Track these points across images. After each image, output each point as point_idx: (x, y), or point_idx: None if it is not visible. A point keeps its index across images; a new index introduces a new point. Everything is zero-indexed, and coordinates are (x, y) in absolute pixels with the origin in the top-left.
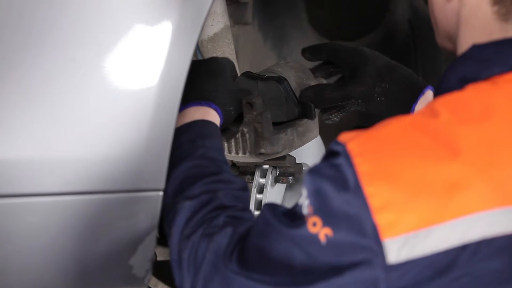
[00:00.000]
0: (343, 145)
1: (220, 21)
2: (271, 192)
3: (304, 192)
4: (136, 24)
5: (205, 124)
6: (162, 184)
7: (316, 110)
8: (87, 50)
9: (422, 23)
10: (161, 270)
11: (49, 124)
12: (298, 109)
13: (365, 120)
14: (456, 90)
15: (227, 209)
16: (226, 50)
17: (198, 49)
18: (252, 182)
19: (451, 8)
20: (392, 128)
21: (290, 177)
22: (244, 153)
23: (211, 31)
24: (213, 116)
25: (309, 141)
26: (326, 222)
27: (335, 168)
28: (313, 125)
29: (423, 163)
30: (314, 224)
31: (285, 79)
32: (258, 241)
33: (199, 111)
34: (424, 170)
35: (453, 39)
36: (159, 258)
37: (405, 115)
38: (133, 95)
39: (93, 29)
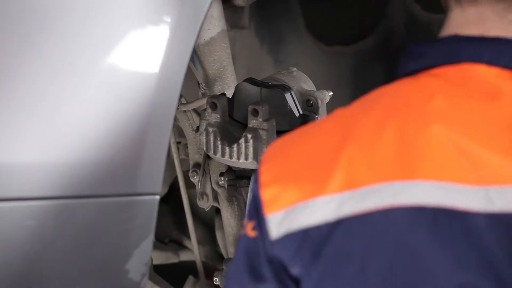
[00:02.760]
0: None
1: (217, 25)
2: None
3: None
4: (133, 28)
5: None
6: (158, 188)
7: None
8: (84, 54)
9: (418, 28)
10: (157, 274)
11: (45, 128)
12: (301, 119)
13: None
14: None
15: None
16: (222, 54)
17: (194, 53)
18: (248, 187)
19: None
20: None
21: None
22: (246, 159)
23: (207, 35)
24: None
25: None
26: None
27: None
28: None
29: (311, 144)
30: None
31: (290, 88)
32: None
33: None
34: (310, 151)
35: None
36: (155, 262)
37: None
38: (129, 99)
39: (90, 33)
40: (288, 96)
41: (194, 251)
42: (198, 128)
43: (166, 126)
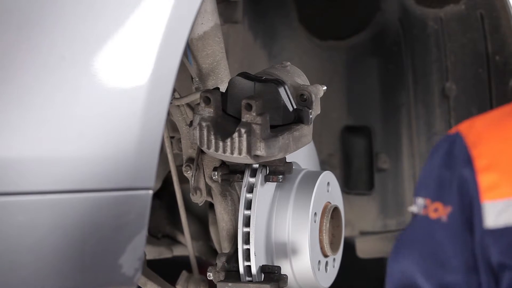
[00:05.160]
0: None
1: (210, 19)
2: (261, 191)
3: None
4: (126, 22)
5: None
6: (151, 182)
7: (312, 116)
8: (77, 48)
9: (412, 22)
10: (150, 269)
11: (39, 123)
12: (294, 113)
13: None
14: None
15: None
16: (216, 48)
17: (188, 47)
18: (242, 181)
19: None
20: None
21: (280, 176)
22: (239, 153)
23: (201, 29)
24: None
25: (303, 146)
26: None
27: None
28: (307, 130)
29: None
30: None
31: (283, 82)
32: None
33: None
34: None
35: None
36: (148, 257)
37: None
38: (123, 93)
39: (83, 26)
40: (282, 90)
41: (187, 246)
42: (191, 122)
43: (159, 121)
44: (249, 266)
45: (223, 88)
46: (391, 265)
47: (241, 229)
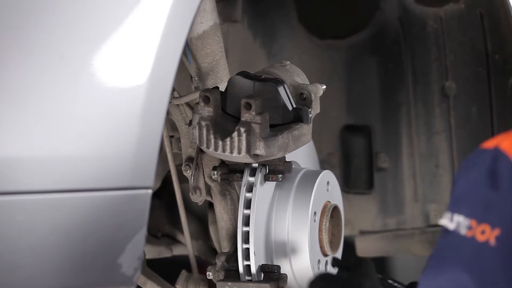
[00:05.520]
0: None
1: (210, 18)
2: (261, 191)
3: None
4: (126, 21)
5: None
6: (151, 182)
7: (311, 115)
8: (76, 47)
9: (412, 21)
10: (150, 268)
11: (38, 122)
12: (294, 112)
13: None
14: None
15: None
16: (215, 47)
17: (187, 46)
18: (241, 180)
19: None
20: None
21: (280, 175)
22: (239, 153)
23: (200, 28)
24: None
25: (302, 145)
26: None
27: None
28: (307, 129)
29: None
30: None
31: (283, 81)
32: None
33: None
34: None
35: None
36: (148, 257)
37: None
38: (123, 92)
39: (81, 25)
40: (281, 89)
41: (187, 245)
42: (191, 121)
43: (158, 120)
44: (249, 266)
45: (222, 87)
46: (426, 284)
47: (240, 228)
